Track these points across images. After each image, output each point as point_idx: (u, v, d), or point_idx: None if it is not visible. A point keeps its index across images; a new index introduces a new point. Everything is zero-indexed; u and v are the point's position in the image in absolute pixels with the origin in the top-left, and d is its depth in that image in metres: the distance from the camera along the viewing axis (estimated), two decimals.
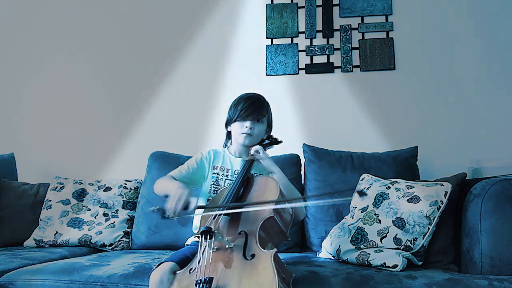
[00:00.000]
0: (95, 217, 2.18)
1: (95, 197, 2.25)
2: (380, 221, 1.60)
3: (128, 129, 2.70)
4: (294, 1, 2.65)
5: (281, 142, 1.73)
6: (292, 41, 2.62)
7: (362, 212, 1.68)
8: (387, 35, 2.55)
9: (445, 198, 1.56)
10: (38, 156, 2.72)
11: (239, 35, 2.67)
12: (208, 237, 1.19)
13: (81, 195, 2.25)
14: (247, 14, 2.69)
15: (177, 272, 1.22)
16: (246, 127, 1.62)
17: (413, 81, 2.50)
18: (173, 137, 2.59)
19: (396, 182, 1.72)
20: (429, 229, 1.53)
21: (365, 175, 1.90)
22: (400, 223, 1.56)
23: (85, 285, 1.47)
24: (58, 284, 1.48)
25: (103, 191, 2.27)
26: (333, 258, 1.71)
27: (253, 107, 1.63)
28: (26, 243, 2.15)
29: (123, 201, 2.24)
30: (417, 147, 2.16)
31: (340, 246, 1.64)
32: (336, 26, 2.60)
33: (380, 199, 1.66)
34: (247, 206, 1.34)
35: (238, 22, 2.69)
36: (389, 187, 1.69)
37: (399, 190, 1.66)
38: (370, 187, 1.76)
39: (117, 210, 2.22)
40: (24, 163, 2.60)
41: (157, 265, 1.28)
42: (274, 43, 2.63)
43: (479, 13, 2.49)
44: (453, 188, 1.59)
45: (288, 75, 2.59)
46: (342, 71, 2.56)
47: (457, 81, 2.47)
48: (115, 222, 2.17)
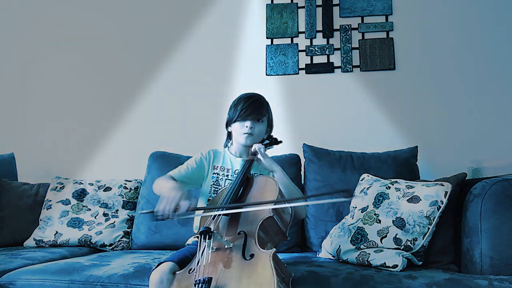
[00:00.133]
0: (95, 217, 2.18)
1: (95, 197, 2.25)
2: (380, 221, 1.60)
3: (128, 129, 2.70)
4: (294, 1, 2.65)
5: (281, 142, 1.73)
6: (292, 41, 2.62)
7: (362, 212, 1.68)
8: (387, 35, 2.55)
9: (445, 198, 1.56)
10: (38, 156, 2.72)
11: (239, 35, 2.67)
12: (207, 237, 1.19)
13: (81, 195, 2.25)
14: (247, 14, 2.68)
15: (176, 272, 1.22)
16: (246, 127, 1.62)
17: (413, 81, 2.50)
18: (173, 137, 2.59)
19: (396, 182, 1.72)
20: (429, 229, 1.53)
21: (365, 175, 1.90)
22: (400, 223, 1.56)
23: (85, 285, 1.47)
24: (58, 284, 1.48)
25: (103, 191, 2.27)
26: (333, 258, 1.71)
27: (253, 107, 1.63)
28: (26, 243, 2.15)
29: (123, 201, 2.24)
30: (417, 147, 2.16)
31: (340, 246, 1.64)
32: (336, 26, 2.60)
33: (380, 199, 1.66)
34: (245, 206, 1.34)
35: (238, 22, 2.68)
36: (389, 187, 1.69)
37: (399, 190, 1.66)
38: (370, 187, 1.76)
39: (117, 210, 2.22)
40: (24, 163, 2.60)
41: (157, 265, 1.28)
42: (274, 43, 2.63)
43: (479, 13, 2.49)
44: (453, 188, 1.59)
45: (288, 75, 2.59)
46: (342, 71, 2.56)
47: (457, 81, 2.46)
48: (115, 222, 2.18)
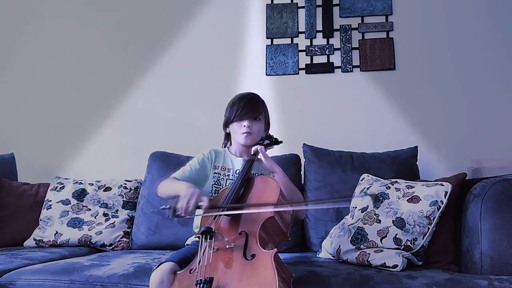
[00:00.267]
0: (95, 217, 2.18)
1: (95, 197, 2.24)
2: (380, 221, 1.60)
3: (128, 129, 2.70)
4: (294, 1, 2.65)
5: (281, 142, 1.73)
6: (292, 41, 2.62)
7: (362, 212, 1.68)
8: (387, 35, 2.55)
9: (445, 198, 1.56)
10: (38, 156, 2.72)
11: (239, 35, 2.67)
12: (208, 237, 1.19)
13: (81, 195, 2.25)
14: (247, 14, 2.68)
15: (177, 272, 1.22)
16: (244, 126, 1.62)
17: (413, 81, 2.50)
18: (173, 137, 2.59)
19: (396, 182, 1.73)
20: (429, 229, 1.53)
21: (365, 175, 1.90)
22: (400, 223, 1.56)
23: (85, 285, 1.46)
24: (58, 284, 1.48)
25: (103, 191, 2.26)
26: (333, 258, 1.71)
27: (249, 106, 1.63)
28: (26, 243, 2.15)
29: (123, 201, 2.24)
30: (417, 147, 2.16)
31: (340, 246, 1.65)
32: (336, 26, 2.60)
33: (380, 199, 1.66)
34: (247, 208, 1.34)
35: (238, 22, 2.68)
36: (389, 187, 1.69)
37: (399, 190, 1.66)
38: (370, 187, 1.77)
39: (117, 210, 2.22)
40: (24, 163, 2.60)
41: (157, 265, 1.28)
42: (274, 43, 2.63)
43: (479, 13, 2.49)
44: (453, 188, 1.59)
45: (288, 75, 2.59)
46: (342, 71, 2.56)
47: (457, 81, 2.47)
48: (115, 222, 2.17)
